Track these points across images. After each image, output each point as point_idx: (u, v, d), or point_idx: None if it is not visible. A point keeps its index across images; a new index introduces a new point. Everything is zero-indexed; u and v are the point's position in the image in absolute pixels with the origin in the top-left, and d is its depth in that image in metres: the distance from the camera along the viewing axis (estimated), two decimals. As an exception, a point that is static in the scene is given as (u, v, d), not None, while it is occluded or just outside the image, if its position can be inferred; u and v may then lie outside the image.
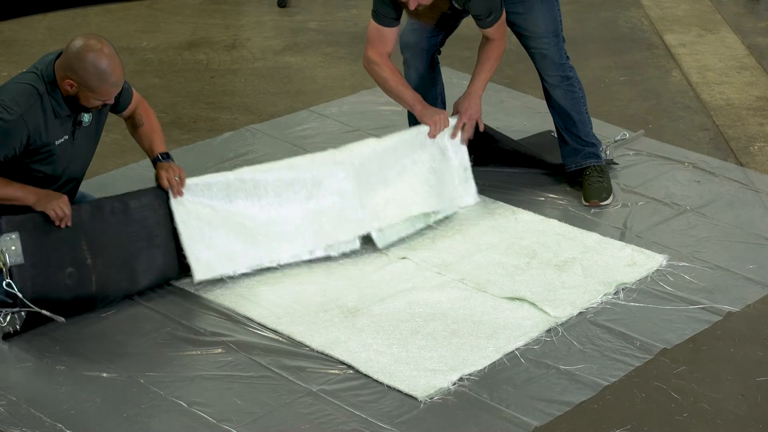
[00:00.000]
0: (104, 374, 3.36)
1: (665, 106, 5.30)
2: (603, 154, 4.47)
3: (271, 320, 3.62)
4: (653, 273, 3.88)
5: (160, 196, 3.74)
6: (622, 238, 4.12)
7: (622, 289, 3.80)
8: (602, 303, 3.73)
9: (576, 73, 4.40)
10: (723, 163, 4.70)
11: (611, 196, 4.35)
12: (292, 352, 3.47)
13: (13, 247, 3.44)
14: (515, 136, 4.79)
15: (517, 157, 4.51)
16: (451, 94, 4.53)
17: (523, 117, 5.08)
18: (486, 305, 3.71)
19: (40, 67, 3.52)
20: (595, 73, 5.55)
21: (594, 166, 4.38)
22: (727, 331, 3.61)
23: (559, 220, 4.23)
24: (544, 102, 5.20)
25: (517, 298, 3.74)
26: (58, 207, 3.51)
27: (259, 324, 3.60)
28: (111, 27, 6.21)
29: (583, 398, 3.27)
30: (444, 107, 4.50)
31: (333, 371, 3.38)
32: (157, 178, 3.74)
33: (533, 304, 3.70)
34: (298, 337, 3.53)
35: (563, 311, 3.67)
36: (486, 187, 4.39)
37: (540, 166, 4.53)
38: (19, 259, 3.45)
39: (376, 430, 3.14)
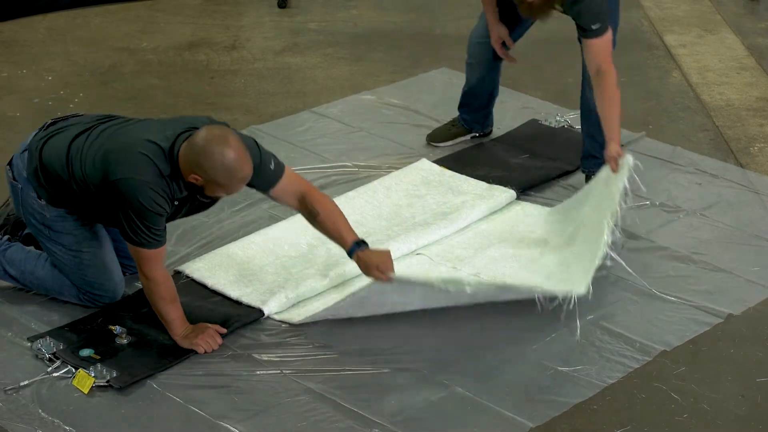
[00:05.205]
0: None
1: (665, 106, 5.30)
2: None
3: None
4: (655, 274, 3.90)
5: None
6: (624, 239, 4.11)
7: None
8: (608, 254, 3.68)
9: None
10: (724, 164, 4.69)
11: None
12: (291, 351, 3.47)
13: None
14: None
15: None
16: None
17: (524, 118, 5.08)
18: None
19: (170, 150, 3.29)
20: (596, 74, 5.54)
21: None
22: (727, 332, 3.60)
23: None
24: (545, 102, 5.23)
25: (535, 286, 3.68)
26: (205, 342, 3.42)
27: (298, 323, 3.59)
28: (111, 28, 6.22)
29: (581, 399, 3.27)
30: (492, 105, 4.78)
31: (332, 371, 3.38)
32: (366, 270, 3.46)
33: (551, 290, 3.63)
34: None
35: (581, 286, 3.59)
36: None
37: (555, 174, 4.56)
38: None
39: (373, 429, 3.14)
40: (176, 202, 3.39)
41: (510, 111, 5.14)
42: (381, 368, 3.40)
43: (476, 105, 4.77)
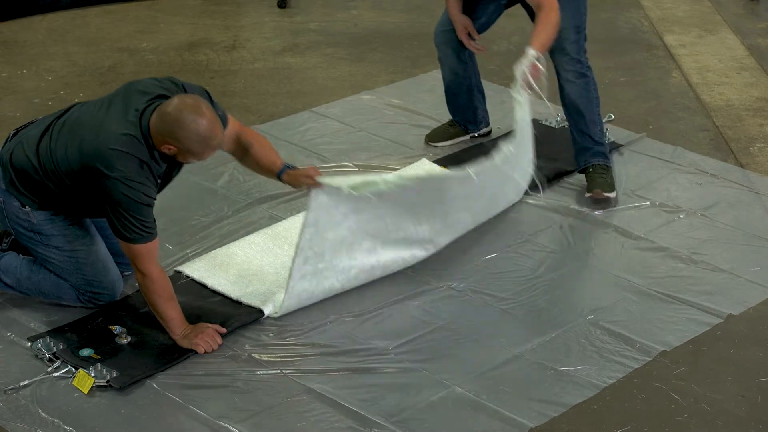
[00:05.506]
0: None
1: (665, 107, 5.30)
2: (606, 140, 4.56)
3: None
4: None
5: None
6: (624, 240, 4.11)
7: None
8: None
9: (592, 74, 4.41)
10: (724, 164, 4.69)
11: (614, 192, 4.35)
12: (291, 351, 3.47)
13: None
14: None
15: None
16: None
17: (523, 118, 5.08)
18: None
19: (137, 129, 3.30)
20: (596, 74, 5.52)
21: (599, 164, 4.40)
22: (727, 332, 3.60)
23: (562, 223, 4.23)
24: (546, 103, 5.22)
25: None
26: (205, 342, 3.42)
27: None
28: (111, 28, 6.22)
29: (581, 399, 3.27)
30: (483, 98, 4.81)
31: (332, 371, 3.38)
32: (295, 182, 3.54)
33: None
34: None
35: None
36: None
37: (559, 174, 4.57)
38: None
39: (373, 429, 3.14)
40: (159, 180, 3.40)
41: (511, 112, 5.13)
42: (381, 368, 3.40)
43: (459, 103, 4.76)
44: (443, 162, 4.62)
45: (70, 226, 3.56)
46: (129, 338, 3.47)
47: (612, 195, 4.34)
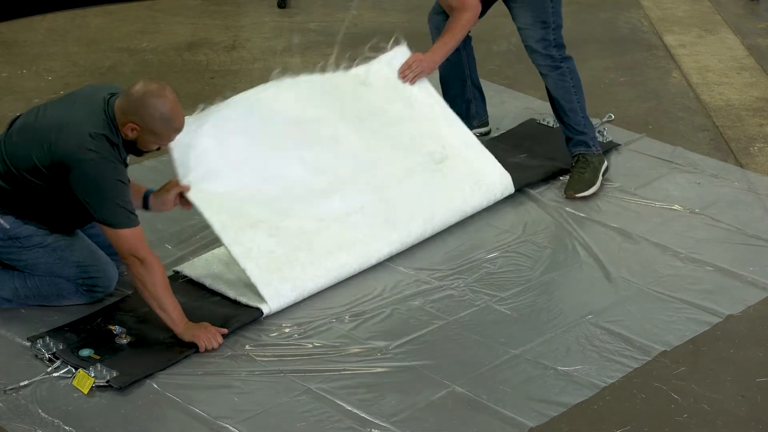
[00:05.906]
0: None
1: (665, 107, 5.30)
2: (599, 137, 4.57)
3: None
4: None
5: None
6: (624, 240, 4.12)
7: None
8: None
9: (571, 64, 4.43)
10: (723, 164, 4.69)
11: (591, 188, 4.38)
12: (291, 351, 3.47)
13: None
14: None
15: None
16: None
17: (524, 118, 5.08)
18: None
19: (104, 114, 3.39)
20: (595, 74, 5.55)
21: (582, 155, 4.43)
22: (727, 332, 3.60)
23: (561, 222, 4.23)
24: (545, 103, 5.23)
25: None
26: (206, 338, 3.43)
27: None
28: (111, 28, 6.22)
29: (581, 399, 3.27)
30: (480, 95, 4.81)
31: (332, 371, 3.38)
32: (167, 196, 3.68)
33: None
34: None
35: None
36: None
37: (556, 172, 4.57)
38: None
39: (372, 429, 3.14)
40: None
41: (511, 112, 5.14)
42: (381, 368, 3.41)
43: (451, 94, 4.70)
44: None
45: (41, 223, 3.59)
46: (129, 338, 3.47)
47: (585, 193, 4.36)
